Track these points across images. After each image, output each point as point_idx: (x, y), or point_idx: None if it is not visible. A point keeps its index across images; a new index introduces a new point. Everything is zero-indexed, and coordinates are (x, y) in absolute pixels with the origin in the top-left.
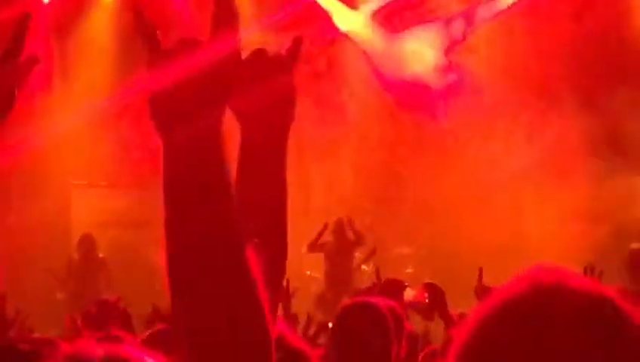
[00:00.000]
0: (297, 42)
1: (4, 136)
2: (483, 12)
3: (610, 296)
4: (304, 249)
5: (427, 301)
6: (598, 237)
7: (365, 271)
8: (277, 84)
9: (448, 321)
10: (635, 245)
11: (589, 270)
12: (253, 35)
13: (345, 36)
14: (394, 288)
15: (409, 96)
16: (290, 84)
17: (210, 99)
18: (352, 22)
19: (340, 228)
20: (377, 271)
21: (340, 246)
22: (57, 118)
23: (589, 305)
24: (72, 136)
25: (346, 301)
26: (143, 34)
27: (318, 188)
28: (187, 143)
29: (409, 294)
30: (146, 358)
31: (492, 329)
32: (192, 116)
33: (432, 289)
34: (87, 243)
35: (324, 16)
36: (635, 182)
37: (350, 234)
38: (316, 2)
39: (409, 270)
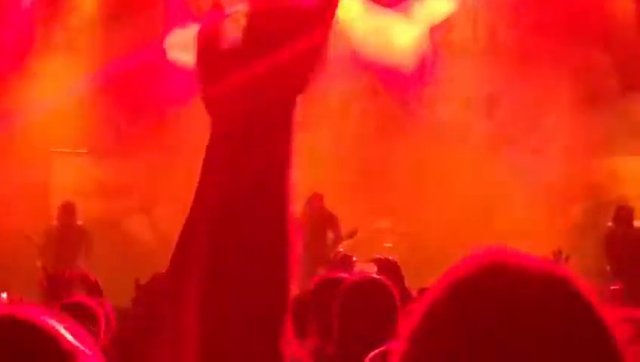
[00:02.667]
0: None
1: None
2: None
3: (561, 275)
4: None
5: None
6: (575, 216)
7: (344, 244)
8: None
9: (404, 297)
10: (611, 224)
11: (557, 254)
12: None
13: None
14: (345, 263)
15: (387, 76)
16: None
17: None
18: None
19: (314, 199)
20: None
21: (313, 221)
22: (42, 86)
23: (538, 285)
24: (55, 105)
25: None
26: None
27: (299, 160)
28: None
29: (359, 268)
30: (48, 320)
31: (440, 312)
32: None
33: (381, 263)
34: (68, 211)
35: None
36: (614, 162)
37: (325, 210)
38: None
39: (388, 244)
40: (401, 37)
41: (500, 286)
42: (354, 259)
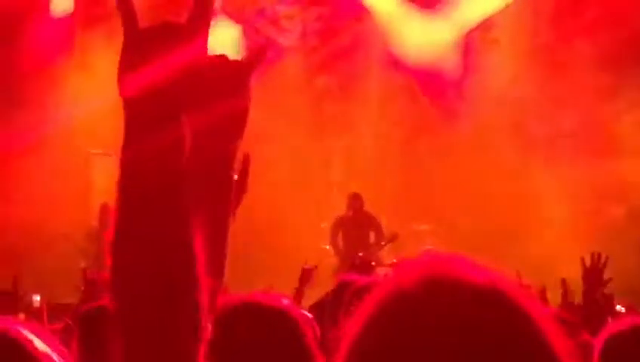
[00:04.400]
0: (263, 48)
1: (28, 109)
2: None
3: (501, 288)
4: (324, 224)
5: None
6: (612, 218)
7: (382, 246)
8: (235, 93)
9: None
10: None
11: (595, 257)
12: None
13: (369, 11)
14: (365, 267)
15: (426, 78)
16: (248, 96)
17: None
18: None
19: (356, 202)
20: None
21: (356, 218)
22: (83, 87)
23: (475, 300)
24: (96, 106)
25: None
26: (121, 11)
27: (338, 163)
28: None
29: (379, 272)
30: (36, 342)
31: (377, 324)
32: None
33: (425, 253)
34: (108, 212)
35: None
36: None
37: (365, 212)
38: None
39: (427, 246)
40: (439, 38)
41: (435, 301)
42: (372, 263)
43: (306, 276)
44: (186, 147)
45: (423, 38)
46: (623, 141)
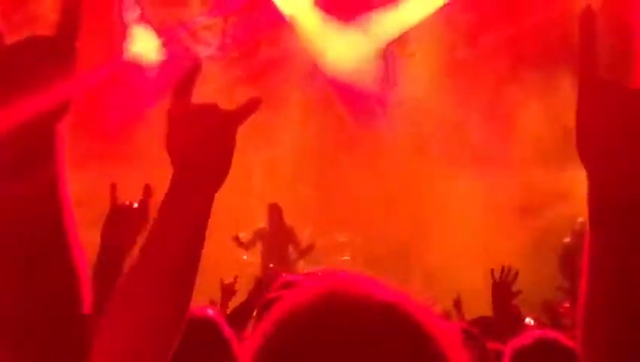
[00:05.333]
0: (254, 103)
1: None
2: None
3: (400, 304)
4: (242, 234)
5: None
6: (532, 231)
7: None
8: (221, 140)
9: None
10: (567, 240)
11: (505, 270)
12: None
13: (289, 23)
14: (273, 278)
15: (346, 90)
16: (233, 142)
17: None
18: (295, 6)
19: (274, 214)
20: None
21: (274, 230)
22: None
23: (372, 315)
24: None
25: None
26: None
27: (258, 175)
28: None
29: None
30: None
31: (275, 340)
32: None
33: (325, 272)
34: None
35: (270, 2)
36: (567, 177)
37: (284, 224)
38: None
39: (346, 257)
40: (359, 50)
41: (329, 317)
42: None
43: (227, 291)
44: (62, 171)
45: (343, 51)
46: (540, 154)
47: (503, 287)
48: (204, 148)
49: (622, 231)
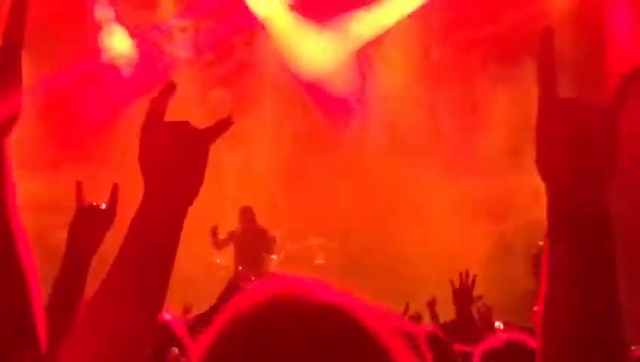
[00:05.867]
0: (227, 121)
1: None
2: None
3: (339, 304)
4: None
5: None
6: (503, 234)
7: (275, 260)
8: (193, 157)
9: None
10: (541, 243)
11: (464, 276)
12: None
13: (263, 25)
14: (241, 280)
15: (321, 91)
16: (205, 159)
17: None
18: (268, 9)
19: (247, 216)
20: None
21: (247, 233)
22: None
23: (315, 318)
24: None
25: None
26: None
27: (231, 177)
28: None
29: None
30: None
31: (221, 347)
32: None
33: (269, 277)
34: None
35: (244, 5)
36: (539, 185)
37: (257, 226)
38: None
39: (319, 261)
40: (333, 53)
41: (277, 320)
42: (252, 278)
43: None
44: (9, 179)
45: (317, 53)
46: (512, 157)
47: (463, 293)
48: (176, 165)
49: (579, 243)
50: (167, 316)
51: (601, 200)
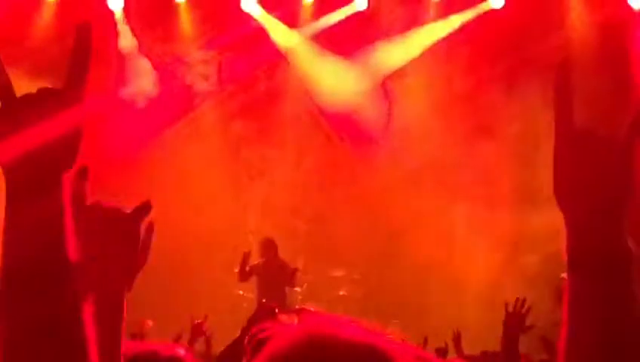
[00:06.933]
0: (146, 206)
1: None
2: (422, 38)
3: (372, 343)
4: (237, 270)
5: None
6: (527, 266)
7: (298, 292)
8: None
9: None
10: (564, 274)
11: (519, 302)
12: (193, 55)
13: (285, 57)
14: (264, 312)
15: (344, 123)
16: (137, 240)
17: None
18: (290, 41)
19: (269, 248)
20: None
21: (270, 265)
22: None
23: (350, 356)
24: None
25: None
26: None
27: (253, 208)
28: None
29: (283, 319)
30: None
31: None
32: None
33: (303, 314)
34: None
35: (266, 37)
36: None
37: (279, 259)
38: (258, 23)
39: (342, 292)
40: (356, 85)
41: (311, 356)
42: (276, 310)
43: (195, 331)
44: (67, 209)
45: (339, 85)
46: (537, 189)
47: (516, 319)
48: (104, 250)
49: (600, 279)
50: (181, 351)
51: (623, 238)
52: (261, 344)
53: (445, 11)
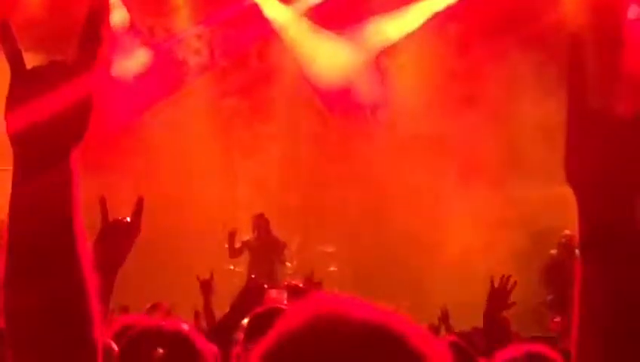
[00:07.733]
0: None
1: None
2: (417, 13)
3: (383, 321)
4: (227, 245)
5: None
6: (516, 243)
7: (289, 267)
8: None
9: None
10: (554, 251)
11: (504, 279)
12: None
13: (277, 33)
14: (254, 288)
15: (336, 99)
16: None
17: (65, 141)
18: (283, 17)
19: (260, 224)
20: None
21: (262, 241)
22: None
23: (360, 333)
24: None
25: None
26: (6, 50)
27: (245, 184)
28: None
29: (272, 294)
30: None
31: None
32: (48, 157)
33: (292, 290)
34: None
35: (258, 12)
36: (547, 193)
37: (271, 234)
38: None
39: (332, 268)
40: (348, 60)
41: (322, 336)
42: (265, 286)
43: (205, 288)
44: (75, 182)
45: (332, 61)
46: (527, 167)
47: (500, 295)
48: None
49: (613, 256)
50: (185, 326)
51: (635, 218)
52: (262, 322)
53: None
